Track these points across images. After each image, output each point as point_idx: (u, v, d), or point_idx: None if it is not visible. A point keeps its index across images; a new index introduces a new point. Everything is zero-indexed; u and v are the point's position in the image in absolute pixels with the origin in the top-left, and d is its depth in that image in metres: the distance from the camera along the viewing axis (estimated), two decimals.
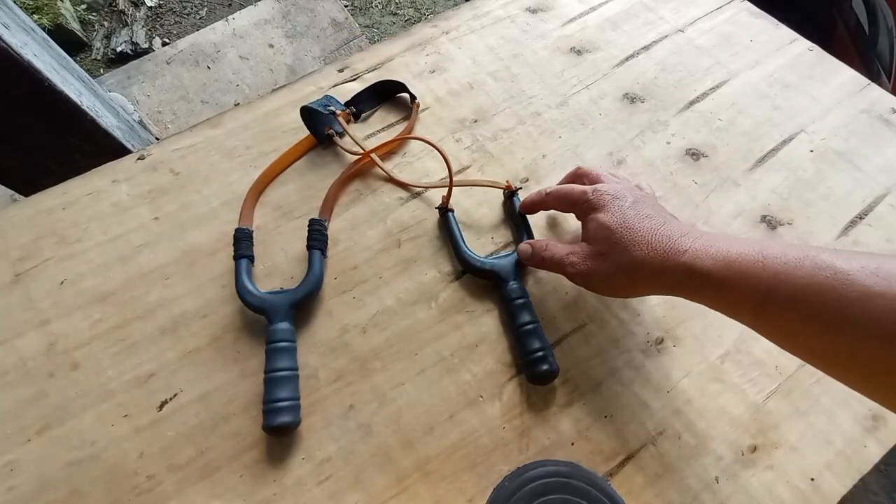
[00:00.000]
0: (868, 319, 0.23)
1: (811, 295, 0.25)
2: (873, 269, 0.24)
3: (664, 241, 0.32)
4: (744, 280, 0.28)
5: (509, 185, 0.46)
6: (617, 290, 0.36)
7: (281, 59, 1.62)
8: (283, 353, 0.38)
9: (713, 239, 0.31)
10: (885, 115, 0.53)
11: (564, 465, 0.33)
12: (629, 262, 0.33)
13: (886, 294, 0.23)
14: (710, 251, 0.30)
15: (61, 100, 0.91)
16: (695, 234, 0.32)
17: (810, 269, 0.26)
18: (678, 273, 0.31)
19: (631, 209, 0.34)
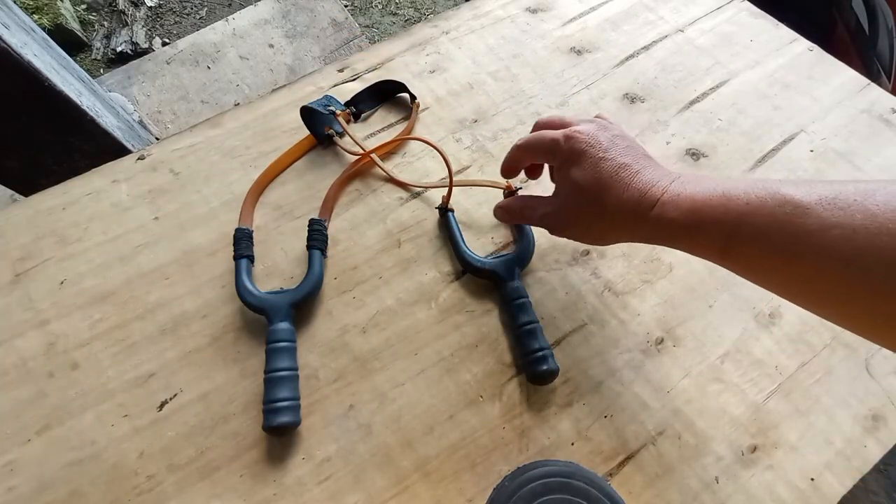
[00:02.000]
0: (826, 248, 0.24)
1: (773, 232, 0.26)
2: (831, 200, 0.25)
3: (636, 194, 0.32)
4: (710, 224, 0.29)
5: (509, 186, 0.46)
6: (591, 240, 0.37)
7: (281, 59, 1.62)
8: (283, 353, 0.38)
9: (681, 184, 0.31)
10: (885, 115, 0.53)
11: (564, 465, 0.33)
12: (603, 215, 0.33)
13: (843, 223, 0.24)
14: (678, 200, 0.31)
15: (61, 100, 0.91)
16: (665, 182, 0.32)
17: (771, 207, 0.27)
18: (650, 225, 0.31)
19: (606, 161, 0.33)
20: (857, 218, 0.24)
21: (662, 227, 0.31)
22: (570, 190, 0.35)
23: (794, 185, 0.27)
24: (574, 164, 0.34)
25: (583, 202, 0.34)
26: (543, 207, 0.37)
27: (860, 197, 0.24)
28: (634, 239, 0.34)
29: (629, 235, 0.34)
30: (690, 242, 0.31)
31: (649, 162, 0.34)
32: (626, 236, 0.34)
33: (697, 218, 0.29)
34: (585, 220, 0.35)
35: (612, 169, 0.33)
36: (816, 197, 0.25)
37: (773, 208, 0.27)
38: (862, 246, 0.23)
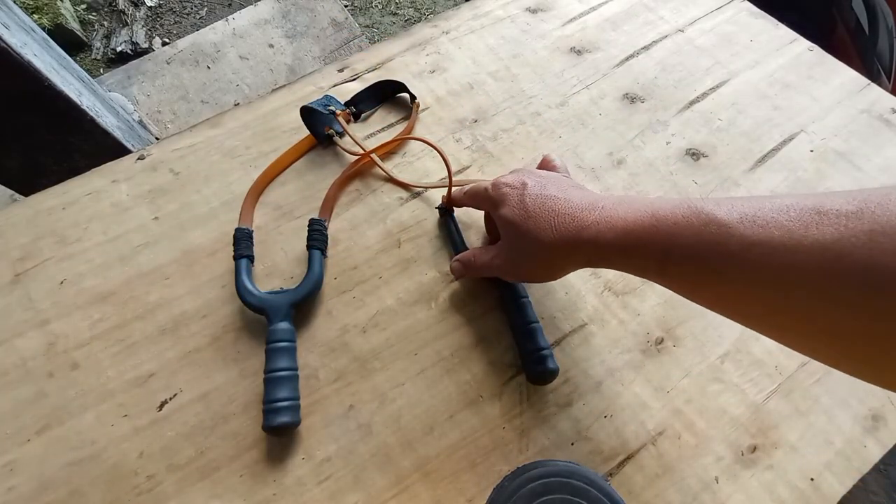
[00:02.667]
0: (749, 268, 0.24)
1: (701, 251, 0.26)
2: (751, 217, 0.25)
3: (568, 221, 0.32)
4: (643, 246, 0.29)
5: None
6: (541, 277, 0.37)
7: (281, 59, 1.62)
8: (283, 353, 0.38)
9: (611, 208, 0.31)
10: (885, 115, 0.53)
11: (564, 465, 0.33)
12: (540, 249, 0.33)
13: (762, 241, 0.24)
14: (610, 222, 0.31)
15: (61, 100, 0.91)
16: (595, 206, 0.32)
17: (697, 227, 0.27)
18: (587, 249, 0.32)
19: (530, 197, 0.34)
20: (775, 235, 0.23)
21: (599, 249, 0.31)
22: (504, 230, 0.36)
23: (717, 204, 0.27)
24: (502, 205, 0.36)
25: (518, 238, 0.34)
26: (490, 254, 0.38)
27: (777, 213, 0.24)
28: (577, 265, 0.34)
29: (571, 263, 0.34)
30: (627, 263, 0.31)
31: (576, 190, 0.34)
32: (569, 264, 0.34)
33: (631, 239, 0.30)
34: (526, 257, 0.35)
35: (538, 201, 0.34)
36: (738, 215, 0.25)
37: (699, 228, 0.26)
38: (781, 265, 0.23)
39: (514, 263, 0.36)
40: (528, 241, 0.34)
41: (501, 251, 0.37)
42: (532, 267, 0.35)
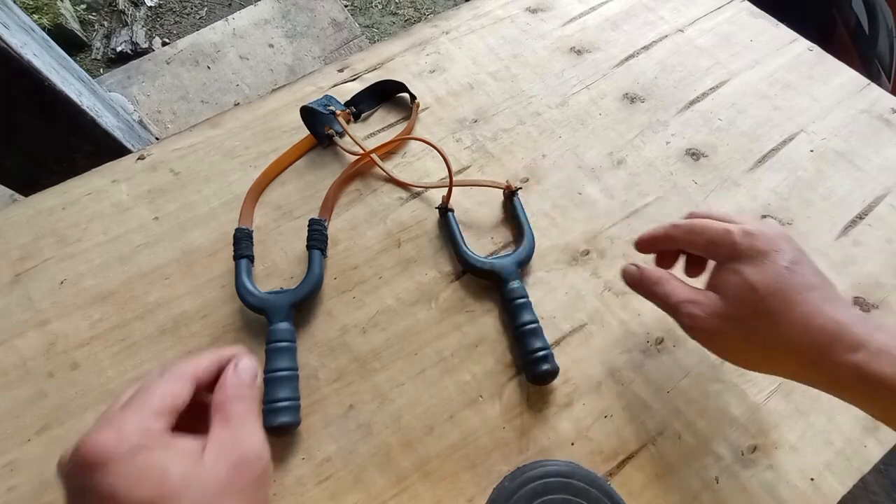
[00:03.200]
0: None
1: None
2: None
3: (829, 327, 0.26)
4: None
5: (509, 185, 0.46)
6: (744, 363, 0.30)
7: (281, 59, 1.62)
8: (283, 353, 0.38)
9: (891, 335, 0.25)
10: (885, 115, 0.53)
11: (564, 465, 0.33)
12: (775, 341, 0.27)
13: None
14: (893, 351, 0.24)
15: (61, 100, 0.91)
16: (865, 325, 0.26)
17: None
18: (843, 374, 0.26)
19: (789, 270, 0.27)
20: None
21: (866, 381, 0.25)
22: (738, 292, 0.28)
23: None
24: (751, 264, 0.28)
25: (753, 312, 0.28)
26: (693, 299, 0.30)
27: None
28: (811, 379, 0.28)
29: (805, 373, 0.28)
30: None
31: (836, 291, 0.28)
32: (800, 372, 0.28)
33: None
34: (748, 335, 0.28)
35: (801, 285, 0.27)
36: None
37: None
38: None
39: (720, 332, 0.29)
40: (764, 322, 0.27)
41: (710, 307, 0.30)
42: (742, 350, 0.29)
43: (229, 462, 0.22)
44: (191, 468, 0.21)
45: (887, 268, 0.45)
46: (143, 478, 0.20)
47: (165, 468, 0.20)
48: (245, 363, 0.25)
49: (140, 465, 0.20)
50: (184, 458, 0.21)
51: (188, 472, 0.20)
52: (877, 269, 0.44)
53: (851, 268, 0.44)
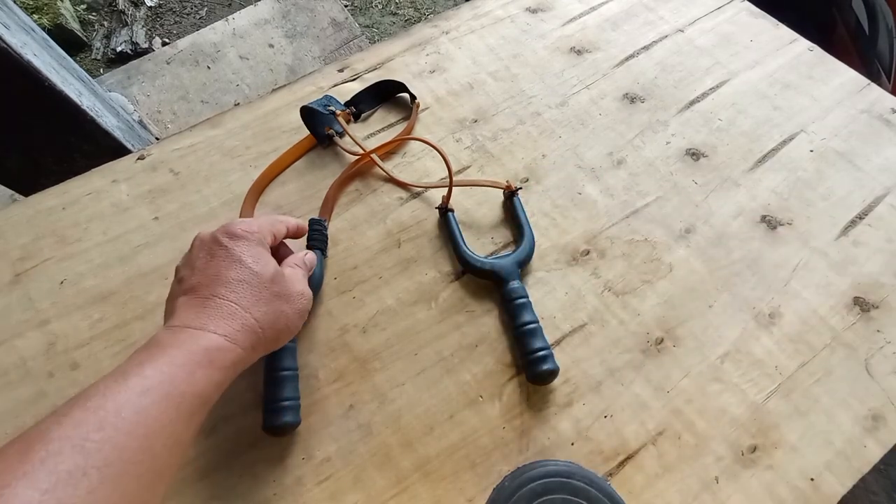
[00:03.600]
0: None
1: None
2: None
3: None
4: None
5: (509, 185, 0.46)
6: None
7: (281, 59, 1.61)
8: (284, 352, 0.38)
9: None
10: (885, 115, 0.53)
11: (564, 465, 0.33)
12: None
13: None
14: None
15: (61, 100, 0.91)
16: None
17: None
18: None
19: None
20: None
21: None
22: None
23: None
24: None
25: None
26: None
27: None
28: None
29: None
30: None
31: None
32: None
33: None
34: None
35: None
36: None
37: None
38: None
39: None
40: None
41: None
42: None
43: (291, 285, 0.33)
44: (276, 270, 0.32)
45: (887, 268, 0.45)
46: (258, 259, 0.31)
47: (268, 261, 0.32)
48: (311, 257, 0.39)
49: (257, 252, 0.32)
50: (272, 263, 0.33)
51: (275, 271, 0.32)
52: (877, 269, 0.44)
53: (851, 268, 0.44)
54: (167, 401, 0.24)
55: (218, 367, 0.27)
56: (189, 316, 0.28)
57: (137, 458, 0.22)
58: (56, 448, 0.21)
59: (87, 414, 0.22)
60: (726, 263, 0.45)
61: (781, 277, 0.44)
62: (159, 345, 0.27)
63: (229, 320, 0.28)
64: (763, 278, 0.44)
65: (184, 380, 0.25)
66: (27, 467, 0.20)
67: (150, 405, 0.24)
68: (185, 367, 0.26)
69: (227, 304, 0.29)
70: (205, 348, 0.27)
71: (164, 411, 0.24)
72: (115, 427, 0.22)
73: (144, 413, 0.23)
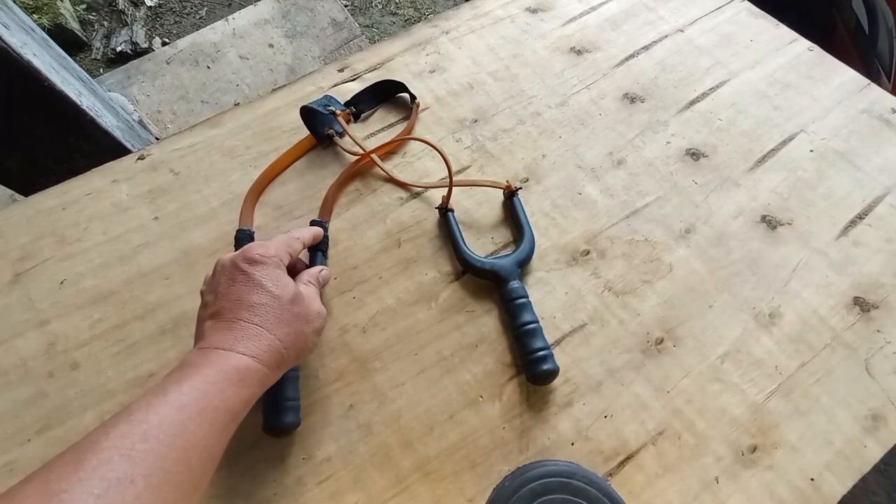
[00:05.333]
0: None
1: None
2: None
3: None
4: None
5: (509, 185, 0.46)
6: None
7: (281, 59, 1.61)
8: None
9: None
10: (885, 115, 0.53)
11: (564, 465, 0.33)
12: None
13: None
14: None
15: (61, 100, 0.91)
16: None
17: None
18: None
19: None
20: None
21: None
22: None
23: None
24: None
25: None
26: None
27: None
28: None
29: None
30: None
31: None
32: None
33: None
34: None
35: None
36: None
37: None
38: None
39: None
40: None
41: None
42: None
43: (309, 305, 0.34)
44: (295, 291, 0.33)
45: (887, 268, 0.45)
46: (276, 282, 0.33)
47: (287, 283, 0.33)
48: (325, 273, 0.39)
49: (276, 275, 0.33)
50: (291, 284, 0.34)
51: (294, 293, 0.33)
52: (877, 269, 0.44)
53: (851, 268, 0.44)
54: (202, 416, 0.26)
55: (246, 384, 0.29)
56: (217, 338, 0.30)
57: (177, 468, 0.24)
58: (106, 457, 0.22)
59: (132, 426, 0.24)
60: (726, 263, 0.45)
61: (781, 277, 0.44)
62: (193, 365, 0.28)
63: (255, 341, 0.30)
64: (763, 278, 0.44)
65: (216, 396, 0.27)
66: (81, 474, 0.21)
67: (187, 420, 0.25)
68: (217, 384, 0.27)
69: (251, 326, 0.30)
70: (235, 367, 0.29)
71: (199, 425, 0.26)
72: (158, 439, 0.24)
73: (182, 427, 0.25)
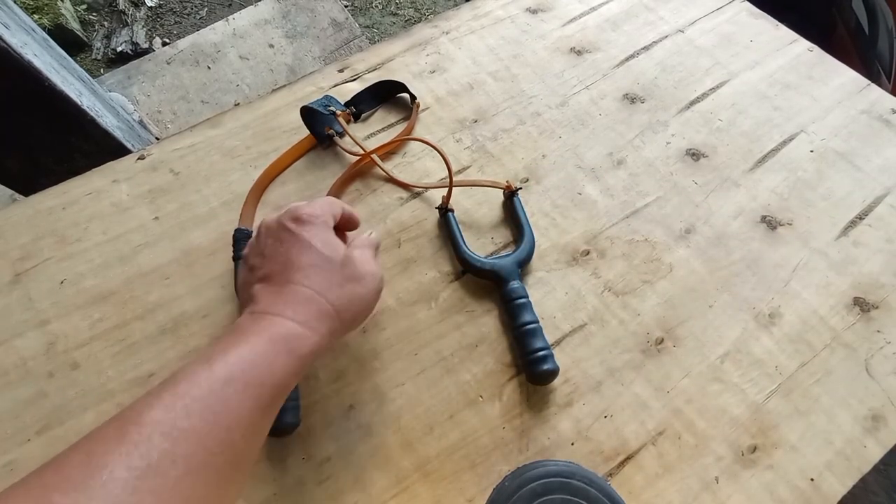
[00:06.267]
0: None
1: None
2: None
3: None
4: None
5: (509, 185, 0.46)
6: None
7: (281, 59, 1.62)
8: None
9: None
10: (885, 115, 0.53)
11: (564, 465, 0.33)
12: None
13: None
14: None
15: (61, 100, 0.91)
16: None
17: None
18: None
19: None
20: None
21: None
22: None
23: None
24: None
25: None
26: None
27: None
28: None
29: None
30: None
31: None
32: None
33: None
34: None
35: None
36: None
37: None
38: None
39: None
40: None
41: None
42: None
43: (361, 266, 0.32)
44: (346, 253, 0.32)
45: (887, 268, 0.45)
46: (326, 243, 0.31)
47: (337, 244, 0.32)
48: (375, 236, 0.37)
49: (325, 236, 0.32)
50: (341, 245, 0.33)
51: (346, 254, 0.32)
52: (877, 269, 0.44)
53: (851, 268, 0.44)
54: (248, 391, 0.25)
55: (297, 355, 0.27)
56: (268, 302, 0.28)
57: (219, 449, 0.23)
58: (147, 433, 0.21)
59: (175, 399, 0.23)
60: (726, 263, 0.45)
61: (781, 277, 0.44)
62: (242, 331, 0.27)
63: (306, 306, 0.28)
64: (763, 278, 0.44)
65: (265, 369, 0.26)
66: (123, 448, 0.21)
67: (232, 395, 0.24)
68: (265, 356, 0.26)
69: (302, 289, 0.29)
70: (284, 336, 0.27)
71: (244, 401, 0.24)
72: (200, 417, 0.23)
73: (227, 404, 0.24)
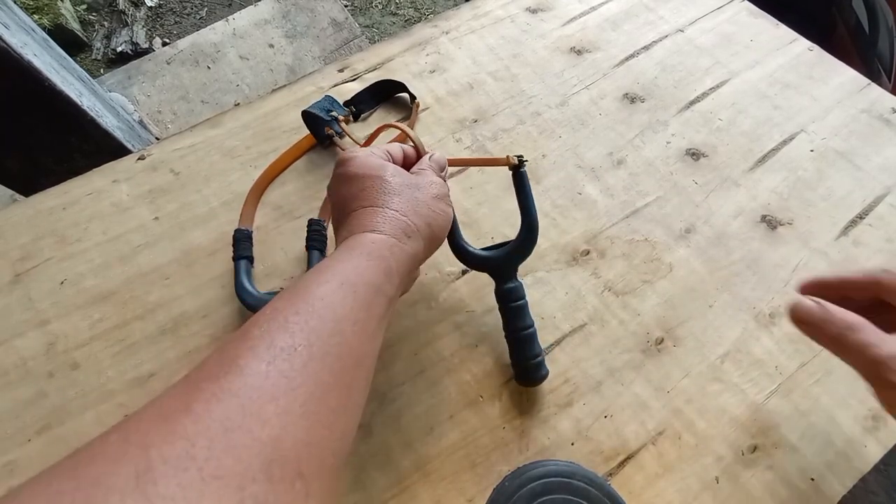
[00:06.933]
0: None
1: None
2: None
3: None
4: None
5: (510, 159, 0.38)
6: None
7: (281, 59, 1.62)
8: None
9: None
10: (885, 115, 0.53)
11: (564, 465, 0.33)
12: None
13: None
14: None
15: (61, 100, 0.91)
16: None
17: None
18: None
19: None
20: None
21: None
22: None
23: None
24: None
25: None
26: None
27: None
28: None
29: None
30: None
31: None
32: None
33: None
34: None
35: None
36: None
37: None
38: None
39: None
40: None
41: None
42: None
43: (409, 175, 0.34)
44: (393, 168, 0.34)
45: (888, 267, 0.44)
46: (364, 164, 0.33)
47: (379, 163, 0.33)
48: (438, 155, 0.38)
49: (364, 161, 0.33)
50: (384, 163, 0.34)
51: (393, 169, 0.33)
52: None
53: (852, 267, 0.44)
54: (343, 289, 0.26)
55: (376, 256, 0.29)
56: (341, 235, 0.32)
57: (333, 339, 0.24)
58: (267, 328, 0.23)
59: (282, 302, 0.25)
60: (726, 263, 0.45)
61: (781, 277, 0.44)
62: (334, 253, 0.30)
63: (369, 218, 0.31)
64: (763, 278, 0.44)
65: (351, 271, 0.28)
66: (249, 343, 0.22)
67: (329, 292, 0.26)
68: (348, 261, 0.28)
69: (361, 211, 0.31)
70: (359, 244, 0.29)
71: (343, 297, 0.26)
72: (308, 311, 0.24)
73: (328, 299, 0.25)
